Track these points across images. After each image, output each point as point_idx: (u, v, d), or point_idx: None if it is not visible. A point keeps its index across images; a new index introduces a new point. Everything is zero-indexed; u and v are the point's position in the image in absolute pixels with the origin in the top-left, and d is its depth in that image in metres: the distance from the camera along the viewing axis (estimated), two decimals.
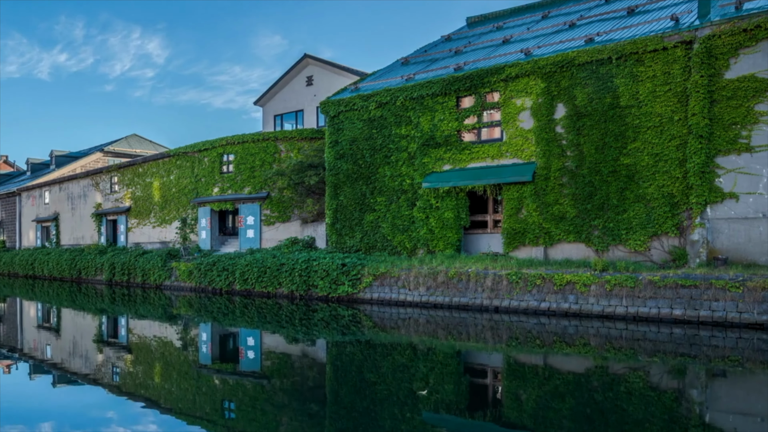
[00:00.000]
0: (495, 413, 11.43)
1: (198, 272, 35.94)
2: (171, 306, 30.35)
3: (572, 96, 25.55)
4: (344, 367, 16.00)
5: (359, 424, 10.58)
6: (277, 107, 51.04)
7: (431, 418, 10.86)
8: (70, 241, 58.83)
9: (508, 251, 27.16)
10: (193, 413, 11.52)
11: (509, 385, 13.64)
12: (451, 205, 28.54)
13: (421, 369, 15.02)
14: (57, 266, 51.43)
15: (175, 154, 45.12)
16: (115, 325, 25.20)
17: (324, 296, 29.10)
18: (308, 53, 48.70)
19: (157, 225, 47.31)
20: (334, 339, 20.25)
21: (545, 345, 17.86)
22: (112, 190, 52.95)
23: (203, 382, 14.42)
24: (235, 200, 39.92)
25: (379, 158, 31.24)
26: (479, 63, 29.74)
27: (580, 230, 25.32)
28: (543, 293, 22.83)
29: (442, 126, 29.26)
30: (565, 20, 31.31)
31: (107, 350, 18.56)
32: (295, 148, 38.37)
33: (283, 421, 11.17)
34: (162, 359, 17.08)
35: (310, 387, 14.09)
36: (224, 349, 19.29)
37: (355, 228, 32.03)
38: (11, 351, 18.62)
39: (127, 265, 42.59)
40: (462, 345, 18.51)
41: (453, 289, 25.13)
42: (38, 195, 65.58)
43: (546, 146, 26.19)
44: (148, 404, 12.04)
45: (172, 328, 23.26)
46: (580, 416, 10.80)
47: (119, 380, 14.38)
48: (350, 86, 34.95)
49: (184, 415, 11.36)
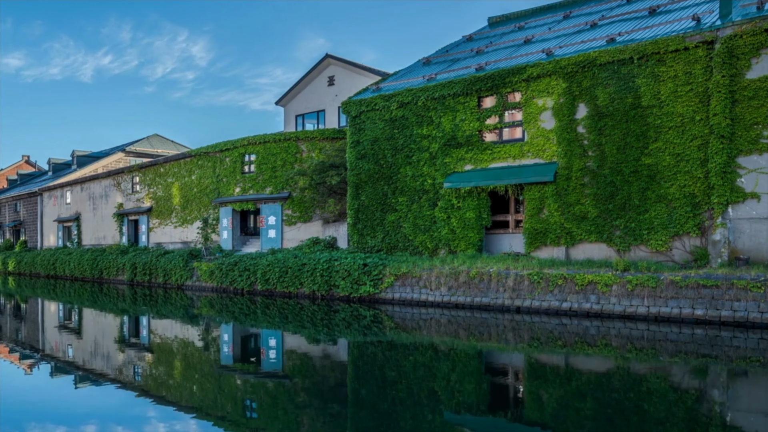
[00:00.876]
0: (516, 413, 11.51)
1: (219, 272, 36.33)
2: (192, 306, 30.61)
3: (594, 96, 25.80)
4: (366, 367, 16.14)
5: (381, 424, 10.70)
6: (298, 107, 51.43)
7: (453, 419, 10.95)
8: (92, 241, 59.55)
9: (530, 251, 27.44)
10: (215, 413, 11.63)
11: (530, 386, 13.69)
12: (473, 205, 28.82)
13: (443, 369, 15.11)
14: (78, 266, 52.00)
15: (197, 154, 45.69)
16: (136, 325, 25.46)
17: (345, 296, 29.36)
18: (330, 53, 49.15)
19: (178, 225, 47.90)
20: (355, 339, 20.37)
21: (567, 345, 17.96)
22: (133, 190, 53.62)
23: (225, 382, 14.53)
24: (257, 200, 40.39)
25: (400, 158, 31.57)
26: (501, 63, 30.05)
27: (601, 230, 25.57)
28: (564, 293, 23.02)
29: (464, 126, 29.55)
30: (586, 20, 31.58)
31: (129, 350, 18.72)
32: (317, 148, 38.76)
33: (304, 421, 11.23)
34: (184, 359, 17.27)
35: (332, 387, 14.17)
36: (246, 350, 19.44)
37: (376, 228, 32.36)
38: (34, 351, 18.90)
39: (148, 266, 43.09)
40: (483, 345, 18.60)
41: (474, 289, 25.35)
42: (60, 195, 66.33)
43: (567, 146, 26.45)
44: (170, 404, 12.21)
45: (194, 328, 23.51)
46: (602, 417, 10.90)
47: (141, 380, 14.49)
48: (372, 86, 35.30)
49: (206, 415, 11.49)
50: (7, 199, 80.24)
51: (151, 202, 51.06)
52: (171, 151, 72.99)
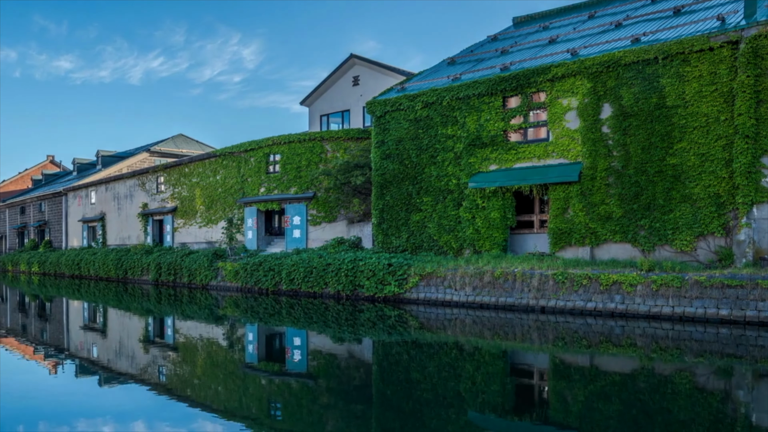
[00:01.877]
0: (541, 414, 11.56)
1: (244, 272, 36.74)
2: (217, 306, 30.85)
3: (618, 96, 26.11)
4: (390, 367, 16.24)
5: (405, 424, 10.80)
6: (323, 107, 51.88)
7: (477, 418, 11.08)
8: (116, 241, 60.28)
9: (555, 251, 27.78)
10: (240, 413, 11.72)
11: (555, 386, 13.83)
12: (498, 205, 29.17)
13: (467, 369, 15.20)
14: (103, 266, 52.68)
15: (222, 154, 46.24)
16: (161, 325, 25.73)
17: (370, 296, 29.65)
18: (354, 53, 49.52)
19: (203, 225, 48.46)
20: (380, 339, 20.54)
21: (591, 345, 18.10)
22: (158, 190, 54.30)
23: (250, 382, 14.65)
24: (282, 200, 40.87)
25: (425, 158, 31.96)
26: (525, 63, 30.43)
27: (626, 230, 25.86)
28: (589, 293, 23.27)
29: (489, 126, 29.92)
30: (611, 20, 31.89)
31: (154, 350, 18.85)
32: (342, 148, 39.17)
33: (329, 421, 11.36)
34: (209, 359, 17.41)
35: (356, 387, 14.27)
36: (270, 349, 19.59)
37: (401, 228, 32.76)
38: (59, 351, 19.21)
39: (173, 265, 43.61)
40: (508, 345, 18.78)
41: (499, 289, 25.64)
42: (84, 195, 67.11)
43: (592, 146, 26.77)
44: (196, 404, 12.37)
45: (219, 328, 23.73)
46: (627, 417, 10.89)
47: (166, 380, 14.66)
48: (396, 86, 35.72)
49: (231, 414, 11.58)
50: (31, 199, 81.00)
51: (175, 202, 51.71)
52: (196, 151, 73.59)
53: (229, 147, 45.58)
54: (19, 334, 22.73)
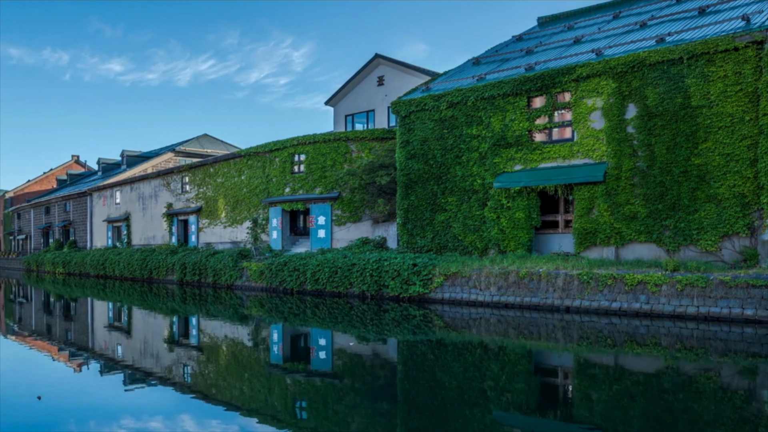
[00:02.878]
0: (565, 413, 11.67)
1: (269, 272, 37.24)
2: (242, 306, 31.14)
3: (643, 96, 26.39)
4: (415, 366, 16.40)
5: (430, 424, 10.89)
6: (348, 107, 52.40)
7: (502, 417, 11.14)
8: (141, 241, 61.04)
9: (579, 251, 28.08)
10: (264, 412, 11.85)
11: (579, 385, 13.92)
12: (522, 205, 29.49)
13: (492, 369, 15.40)
14: (128, 266, 53.40)
15: (246, 154, 46.82)
16: (186, 325, 26.03)
17: (395, 296, 29.99)
18: (379, 53, 50.07)
19: (228, 225, 49.02)
20: (405, 339, 20.66)
21: (616, 345, 18.23)
22: (183, 190, 54.98)
23: (275, 381, 14.74)
24: (306, 200, 41.35)
25: (450, 158, 32.34)
26: (550, 63, 30.80)
27: (651, 230, 26.13)
28: (614, 293, 23.52)
29: (513, 126, 30.26)
30: (636, 20, 32.17)
31: (179, 350, 19.03)
32: (366, 148, 39.63)
33: (354, 420, 11.40)
34: (234, 359, 17.57)
35: (381, 386, 14.38)
36: (295, 349, 19.73)
37: (426, 228, 33.11)
38: (83, 350, 19.42)
39: (198, 265, 44.16)
40: (533, 345, 18.91)
41: (524, 289, 25.96)
42: (109, 195, 67.98)
43: (617, 146, 27.06)
44: (220, 403, 12.43)
45: (244, 328, 23.94)
46: (651, 417, 10.89)
47: (191, 380, 14.75)
48: (421, 86, 36.11)
49: (255, 413, 11.71)
50: (56, 199, 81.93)
51: (200, 202, 52.31)
52: (220, 151, 74.21)
53: (254, 147, 46.12)
54: (45, 333, 23.13)
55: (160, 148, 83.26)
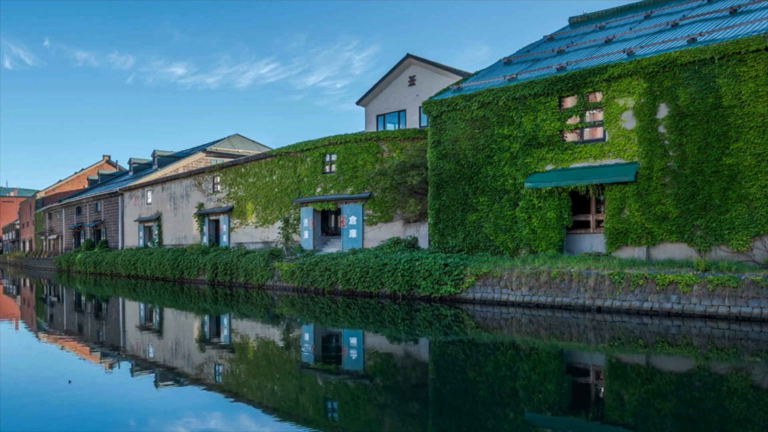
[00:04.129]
0: (597, 413, 11.73)
1: (300, 272, 37.74)
2: (273, 306, 31.42)
3: (675, 96, 26.77)
4: (447, 366, 16.49)
5: (462, 424, 10.84)
6: (379, 107, 52.95)
7: (534, 418, 11.20)
8: (173, 241, 61.99)
9: (611, 251, 28.45)
10: (296, 412, 11.96)
11: (611, 385, 13.96)
12: (554, 205, 29.92)
13: (524, 369, 15.53)
14: (159, 266, 54.22)
15: (278, 154, 47.51)
16: (217, 324, 26.29)
17: (426, 296, 30.42)
18: (411, 53, 50.50)
19: (259, 225, 49.72)
20: (436, 339, 20.83)
21: (647, 345, 18.36)
22: (214, 190, 55.80)
23: (306, 381, 14.84)
24: (338, 200, 41.97)
25: (481, 158, 32.81)
26: (582, 63, 31.26)
27: (682, 230, 26.49)
28: (645, 293, 23.86)
29: (545, 126, 30.72)
30: (667, 20, 32.61)
31: (211, 350, 19.18)
32: (398, 148, 40.12)
33: (386, 420, 11.53)
34: (265, 359, 17.74)
35: (413, 386, 14.50)
36: (327, 349, 19.93)
37: (457, 228, 33.61)
38: (115, 350, 19.57)
39: (229, 265, 44.79)
40: (564, 345, 19.06)
41: (555, 289, 26.36)
42: (140, 195, 68.99)
43: (648, 146, 27.44)
44: (251, 403, 12.54)
45: (275, 327, 24.09)
46: (683, 417, 11.07)
47: (222, 380, 14.91)
48: (453, 86, 36.59)
49: (286, 413, 11.80)
50: (88, 199, 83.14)
51: (231, 202, 53.05)
52: (252, 151, 75.09)
53: (286, 147, 46.79)
54: (76, 333, 23.54)
55: (191, 148, 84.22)
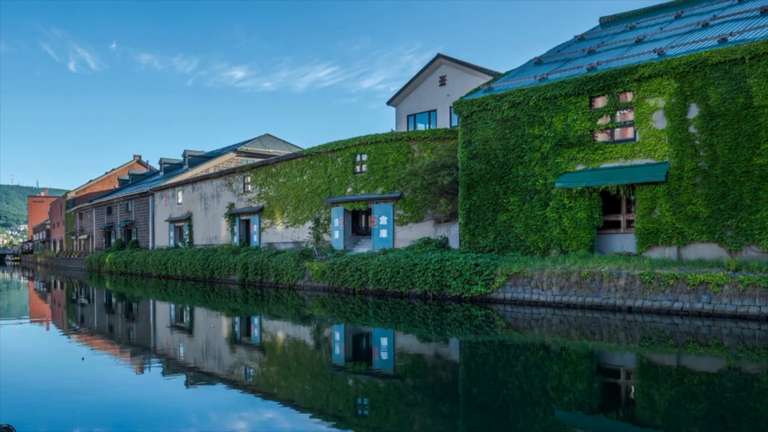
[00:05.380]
0: (627, 413, 11.81)
1: (331, 272, 38.27)
2: (304, 306, 31.73)
3: (705, 96, 27.11)
4: (477, 366, 16.57)
5: (492, 424, 11.02)
6: (410, 107, 53.43)
7: (565, 417, 11.32)
8: (203, 241, 62.79)
9: (641, 251, 28.81)
10: (326, 411, 12.06)
11: (642, 385, 14.06)
12: (584, 205, 30.31)
13: (554, 369, 15.58)
14: (190, 266, 55.00)
15: (308, 154, 48.12)
16: (248, 325, 26.52)
17: (457, 296, 30.84)
18: (441, 53, 50.99)
19: (290, 225, 50.38)
20: (466, 339, 21.03)
21: (678, 345, 18.56)
22: (245, 190, 56.54)
23: (336, 381, 14.95)
24: (368, 200, 42.55)
25: (512, 158, 33.26)
26: (612, 63, 31.64)
27: (713, 230, 26.81)
28: (676, 293, 24.16)
29: (575, 126, 31.13)
30: (698, 20, 32.93)
31: (241, 350, 19.35)
32: (428, 148, 40.59)
33: (415, 420, 11.55)
34: (296, 359, 17.84)
35: (443, 386, 14.56)
36: (357, 349, 20.03)
37: (488, 228, 34.05)
38: (145, 350, 19.88)
39: (260, 265, 45.41)
40: (595, 345, 19.24)
41: (586, 289, 26.71)
42: (171, 195, 69.91)
43: (679, 146, 27.80)
44: (282, 402, 12.62)
45: (306, 328, 24.31)
46: (714, 417, 11.17)
47: (253, 380, 15.10)
48: (483, 86, 37.04)
49: (317, 413, 11.87)
50: (118, 199, 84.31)
51: (262, 202, 53.78)
52: (282, 151, 75.89)
53: (316, 147, 47.38)
54: (107, 333, 23.79)
55: (221, 148, 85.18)
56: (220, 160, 74.82)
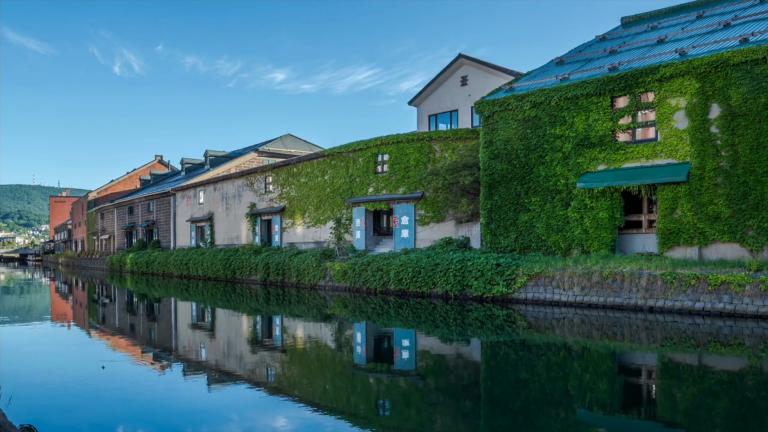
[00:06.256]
0: (649, 412, 11.85)
1: (352, 272, 38.59)
2: (325, 306, 32.04)
3: (727, 96, 27.33)
4: (498, 366, 16.80)
5: (514, 423, 11.16)
6: (431, 107, 53.71)
7: (586, 417, 11.41)
8: (225, 240, 63.29)
9: (663, 251, 29.04)
10: (348, 411, 12.20)
11: (663, 385, 14.18)
12: (606, 205, 30.57)
13: (576, 369, 15.75)
14: (211, 266, 55.42)
15: (330, 154, 48.52)
16: (270, 324, 26.70)
17: (478, 296, 31.11)
18: (463, 53, 51.27)
19: (311, 225, 50.76)
20: (488, 339, 21.17)
21: (699, 345, 18.71)
22: (266, 190, 57.03)
23: (358, 381, 15.17)
24: (390, 200, 42.85)
25: (533, 158, 33.57)
26: (634, 63, 31.89)
27: (734, 230, 27.03)
28: (697, 293, 24.33)
29: (597, 126, 31.39)
30: (719, 20, 33.14)
31: (263, 350, 19.47)
32: (450, 148, 40.91)
33: (437, 420, 11.65)
34: (317, 359, 17.95)
35: (465, 386, 14.67)
36: (379, 349, 20.11)
37: (509, 228, 34.37)
38: (167, 351, 20.07)
39: (281, 265, 45.81)
40: (616, 345, 19.35)
41: (607, 289, 26.92)
42: (192, 195, 70.46)
43: (700, 146, 28.03)
44: (304, 402, 12.75)
45: (327, 327, 24.46)
46: (736, 416, 11.24)
47: (274, 379, 15.16)
48: (505, 86, 37.37)
49: (340, 412, 12.03)
50: (140, 199, 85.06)
51: (283, 202, 54.24)
52: (304, 151, 76.39)
53: (338, 147, 47.76)
54: (129, 333, 24.18)
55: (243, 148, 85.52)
56: (242, 160, 75.33)
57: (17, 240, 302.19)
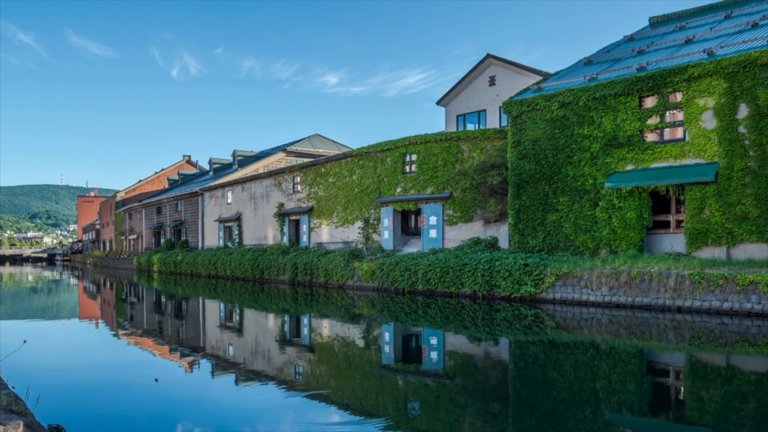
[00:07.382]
0: (677, 413, 11.88)
1: (380, 272, 38.99)
2: (353, 306, 32.33)
3: (755, 96, 27.59)
4: (527, 366, 16.86)
5: (542, 424, 11.19)
6: (459, 107, 54.08)
7: (614, 419, 11.38)
8: (253, 241, 63.92)
9: (691, 251, 29.30)
10: (376, 411, 12.31)
11: (691, 385, 14.19)
12: (634, 205, 30.85)
13: (604, 369, 15.93)
14: (239, 266, 56.05)
15: (358, 154, 48.99)
16: (297, 324, 26.93)
17: (506, 296, 31.42)
18: (491, 53, 51.56)
19: (339, 225, 51.24)
20: (516, 339, 21.39)
21: (728, 345, 18.79)
22: (294, 190, 57.59)
23: (386, 381, 15.30)
24: (418, 200, 43.23)
25: (561, 158, 33.90)
26: (662, 63, 32.16)
27: (762, 230, 27.28)
28: (725, 293, 24.53)
29: (625, 126, 31.67)
30: (747, 20, 33.35)
31: (291, 349, 19.64)
32: (478, 148, 41.26)
33: (465, 420, 11.70)
34: (345, 359, 18.15)
35: (493, 386, 14.78)
36: (407, 349, 20.29)
37: (537, 228, 34.71)
38: (195, 350, 20.28)
39: (309, 265, 46.30)
40: (644, 345, 19.48)
41: (635, 289, 27.15)
42: (221, 195, 71.13)
43: (728, 146, 28.27)
44: (332, 402, 12.85)
45: (355, 327, 24.62)
46: (764, 417, 11.28)
47: (302, 379, 15.27)
48: (533, 86, 37.68)
49: (366, 413, 12.11)
50: (168, 199, 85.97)
51: (311, 202, 54.75)
52: (332, 151, 76.96)
53: (366, 147, 48.22)
54: (158, 333, 24.44)
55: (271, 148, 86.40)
56: (270, 160, 75.95)
57: (45, 240, 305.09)
